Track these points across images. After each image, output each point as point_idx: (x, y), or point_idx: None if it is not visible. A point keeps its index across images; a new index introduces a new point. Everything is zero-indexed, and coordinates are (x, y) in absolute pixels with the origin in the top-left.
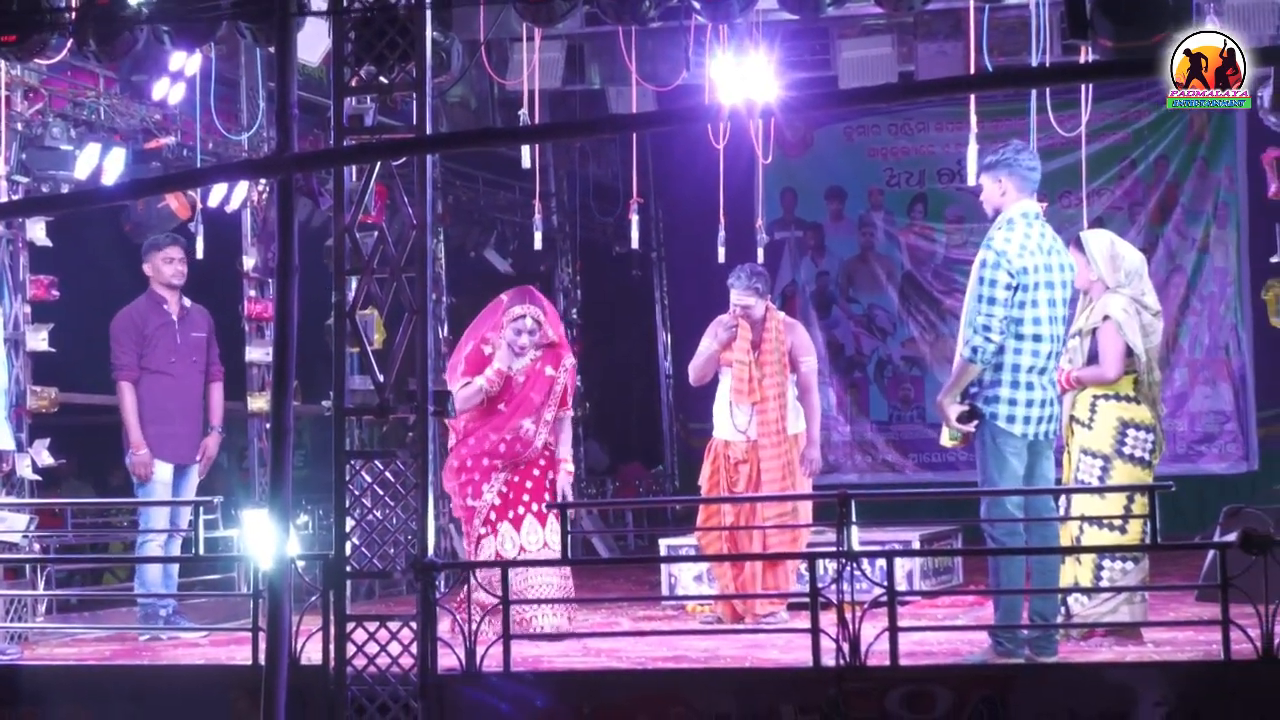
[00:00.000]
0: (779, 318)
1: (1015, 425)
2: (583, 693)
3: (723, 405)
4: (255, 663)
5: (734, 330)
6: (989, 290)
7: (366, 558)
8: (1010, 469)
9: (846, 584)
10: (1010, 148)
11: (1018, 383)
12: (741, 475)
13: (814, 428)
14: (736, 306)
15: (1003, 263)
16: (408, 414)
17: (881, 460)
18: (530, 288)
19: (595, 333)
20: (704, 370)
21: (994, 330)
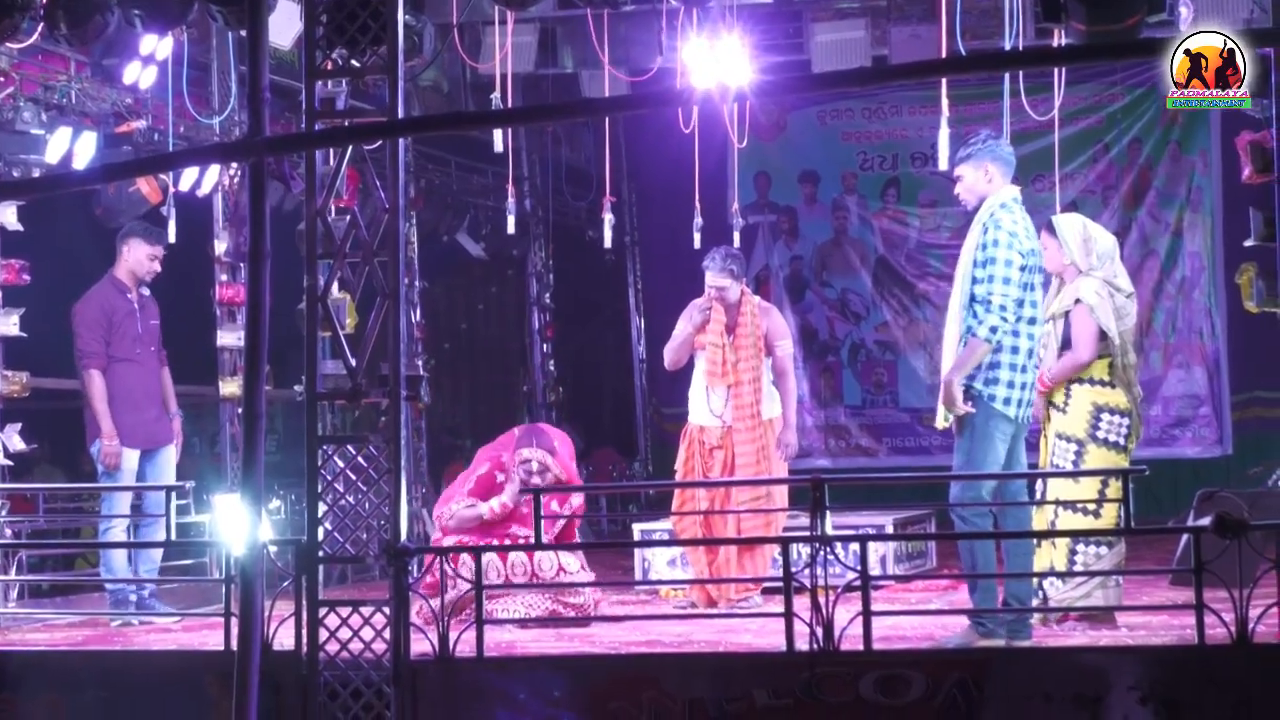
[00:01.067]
0: (754, 301)
1: (1010, 408)
2: (556, 678)
3: (698, 389)
4: (228, 648)
5: (708, 313)
6: (1005, 270)
7: (339, 543)
8: (994, 453)
9: (820, 568)
10: (983, 137)
11: (1016, 365)
12: (716, 460)
13: (790, 412)
14: (711, 289)
15: (1015, 244)
16: (380, 398)
17: (855, 445)
18: (542, 426)
19: (568, 317)
20: (679, 354)
21: (1009, 310)
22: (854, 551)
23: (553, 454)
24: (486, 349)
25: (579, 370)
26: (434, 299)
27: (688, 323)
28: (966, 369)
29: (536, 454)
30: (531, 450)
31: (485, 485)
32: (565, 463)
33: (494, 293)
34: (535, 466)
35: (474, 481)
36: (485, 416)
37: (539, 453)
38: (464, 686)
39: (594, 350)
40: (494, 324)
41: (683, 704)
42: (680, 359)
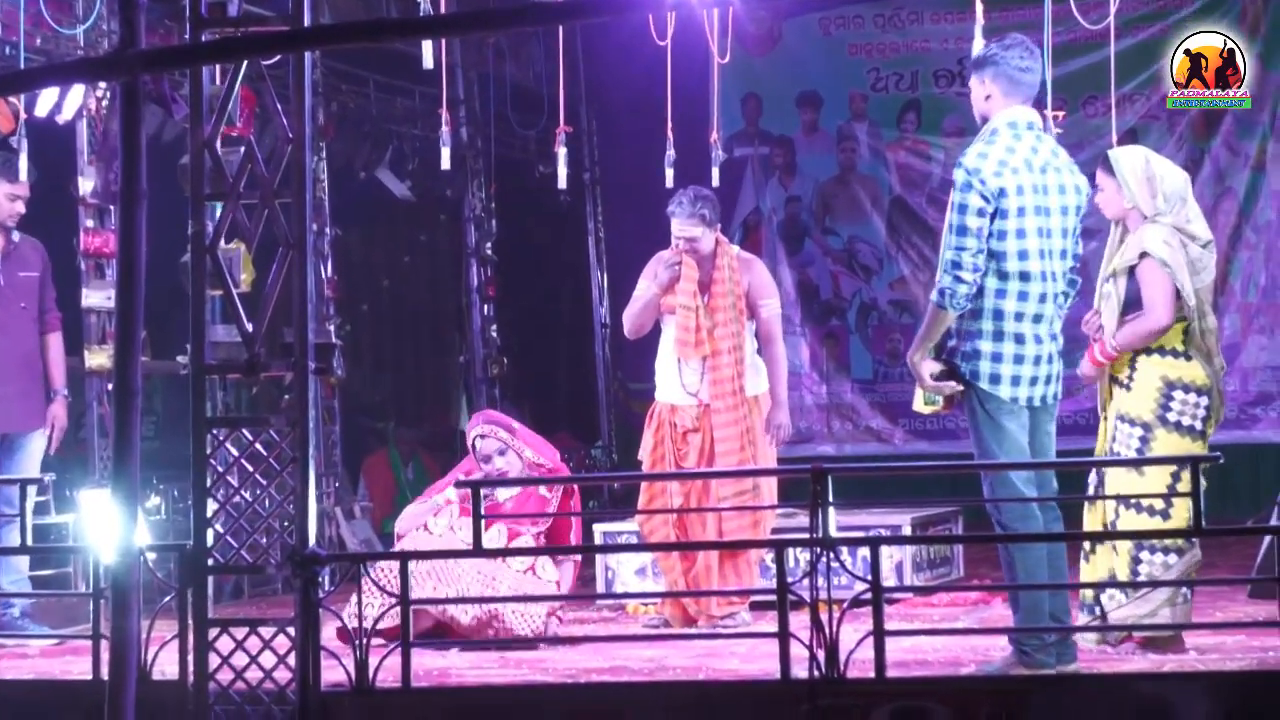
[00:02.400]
0: (732, 252)
1: (1001, 387)
2: (500, 712)
3: (667, 361)
4: (96, 677)
5: (677, 269)
6: (958, 217)
7: (233, 549)
8: (1010, 438)
9: (822, 578)
10: (1000, 42)
11: (1002, 334)
12: (691, 446)
13: (779, 386)
14: (679, 239)
15: (974, 183)
16: (283, 372)
17: (864, 427)
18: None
19: (515, 273)
20: (641, 319)
21: (965, 267)
22: (863, 558)
23: (512, 432)
24: (414, 311)
25: (527, 337)
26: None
27: (652, 281)
28: (926, 343)
29: (489, 429)
30: (483, 426)
31: None
32: (532, 441)
33: (423, 242)
34: (494, 445)
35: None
36: (412, 394)
37: (490, 428)
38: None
39: (546, 313)
40: (423, 281)
41: None
42: (643, 325)
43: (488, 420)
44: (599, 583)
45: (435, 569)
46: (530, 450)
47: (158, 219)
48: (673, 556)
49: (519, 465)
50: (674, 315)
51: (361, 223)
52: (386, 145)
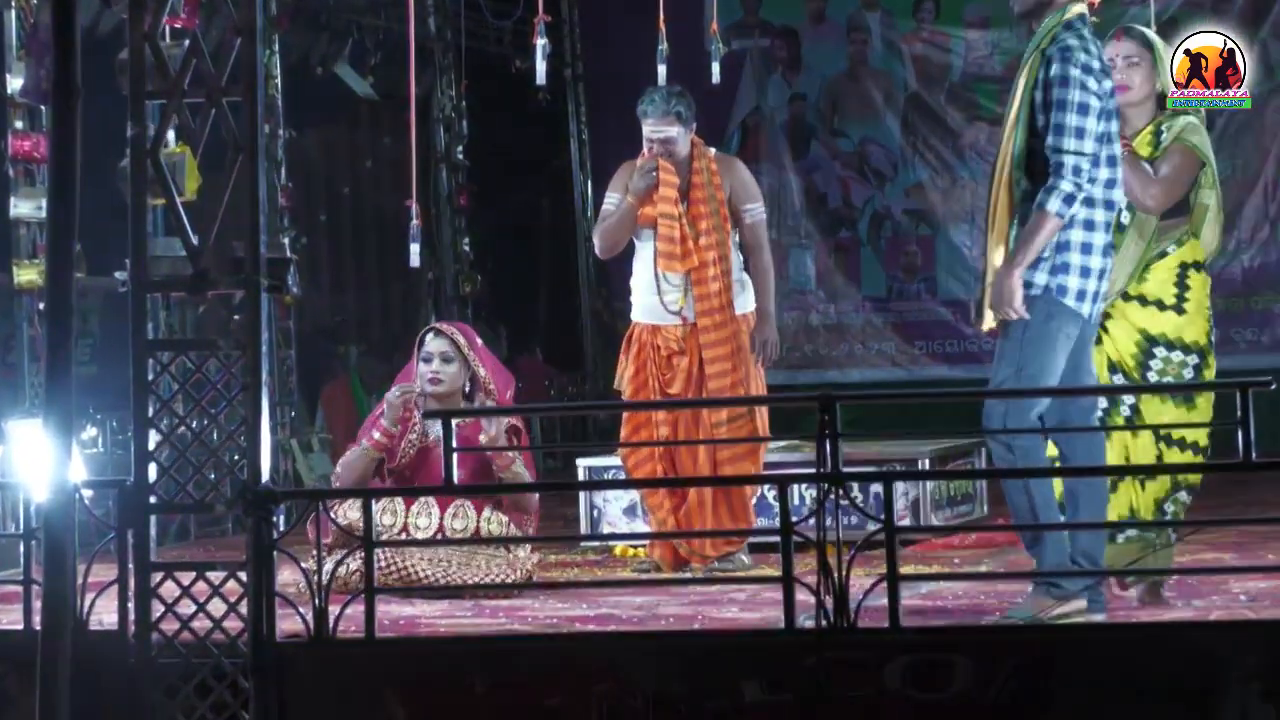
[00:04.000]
0: (709, 154)
1: (1085, 304)
2: (475, 665)
3: (644, 279)
4: (28, 628)
5: (654, 175)
6: (1078, 118)
7: (177, 485)
8: (1055, 363)
9: (829, 517)
10: None
11: (1092, 246)
12: (678, 371)
13: (767, 298)
14: (652, 142)
15: (1090, 82)
16: (232, 289)
17: (877, 350)
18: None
19: (489, 180)
20: (617, 235)
21: (1085, 174)
22: (876, 495)
23: (471, 343)
24: (377, 222)
25: (503, 252)
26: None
27: (621, 193)
28: (1032, 254)
29: (440, 342)
30: (435, 338)
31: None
32: (490, 362)
33: (387, 145)
34: (443, 345)
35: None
36: (376, 314)
37: (447, 329)
38: (348, 677)
39: (523, 225)
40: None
41: (646, 700)
42: (618, 242)
43: (448, 322)
44: (583, 523)
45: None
46: (485, 371)
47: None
48: (660, 493)
49: (460, 381)
50: (650, 229)
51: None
52: (345, 38)
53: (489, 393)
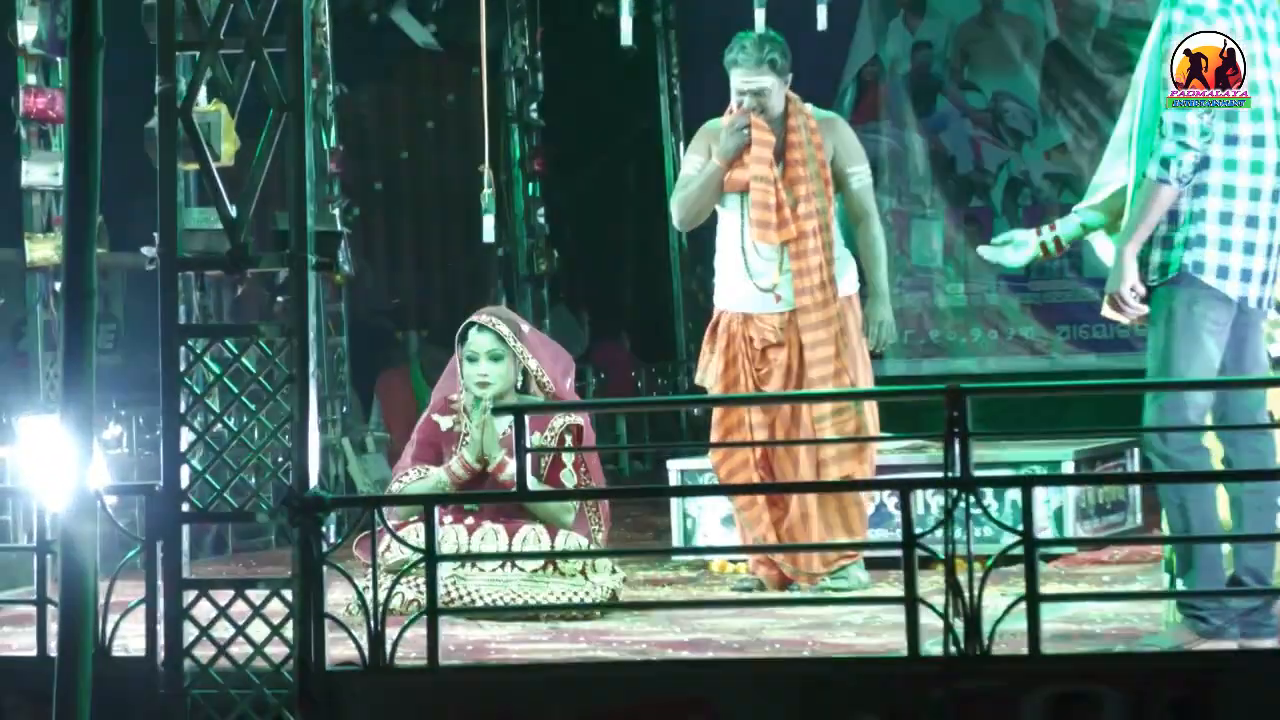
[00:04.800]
0: (807, 111)
1: (1231, 282)
2: (552, 696)
3: (731, 255)
4: (42, 654)
5: (745, 133)
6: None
7: (214, 491)
8: (1205, 355)
9: (960, 528)
10: None
11: (1231, 215)
12: (774, 365)
13: (879, 274)
14: (743, 96)
15: (1197, 23)
16: (275, 267)
17: (1014, 337)
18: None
19: (567, 142)
20: (700, 203)
21: (1192, 130)
22: (1013, 502)
23: (519, 333)
24: (440, 191)
25: (583, 225)
26: (358, 113)
27: (704, 156)
28: (1142, 229)
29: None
30: (487, 315)
31: (433, 440)
32: (545, 352)
33: (451, 103)
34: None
35: (415, 443)
36: (439, 295)
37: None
38: (409, 710)
39: (605, 193)
40: (451, 152)
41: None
42: (702, 211)
43: (490, 310)
44: (676, 534)
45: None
46: (536, 362)
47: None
48: (758, 506)
49: (513, 378)
50: (738, 196)
51: (374, 78)
52: None
53: (542, 387)
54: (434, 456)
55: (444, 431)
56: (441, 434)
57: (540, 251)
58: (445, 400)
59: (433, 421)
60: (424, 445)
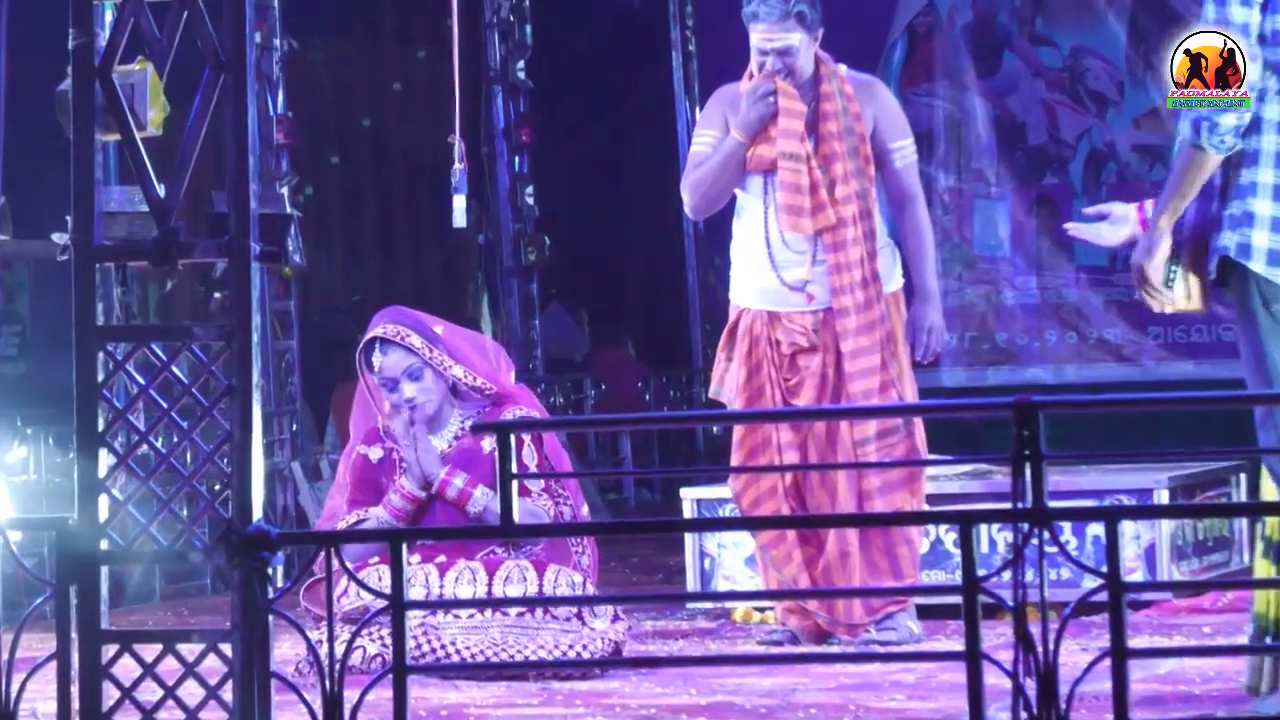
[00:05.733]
0: (841, 74)
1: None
2: None
3: (754, 247)
4: None
5: (771, 101)
6: (1215, 10)
7: (138, 526)
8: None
9: (1032, 570)
10: None
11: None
12: (807, 375)
13: (925, 269)
14: (765, 56)
15: None
16: (212, 257)
17: (1096, 340)
18: (392, 307)
19: (561, 107)
20: (715, 185)
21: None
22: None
23: (429, 339)
24: (409, 166)
25: (580, 206)
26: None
27: (724, 129)
28: (1171, 201)
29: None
30: (388, 327)
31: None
32: (463, 349)
33: (421, 61)
34: (399, 361)
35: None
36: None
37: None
38: None
39: (608, 167)
40: (422, 119)
41: None
42: (719, 195)
43: (391, 318)
44: (691, 576)
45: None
46: (462, 368)
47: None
48: (787, 543)
49: (442, 391)
50: (761, 177)
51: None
52: None
53: (481, 391)
54: (374, 495)
55: (376, 463)
56: (375, 467)
57: (528, 238)
58: (372, 429)
59: (361, 456)
60: (360, 486)
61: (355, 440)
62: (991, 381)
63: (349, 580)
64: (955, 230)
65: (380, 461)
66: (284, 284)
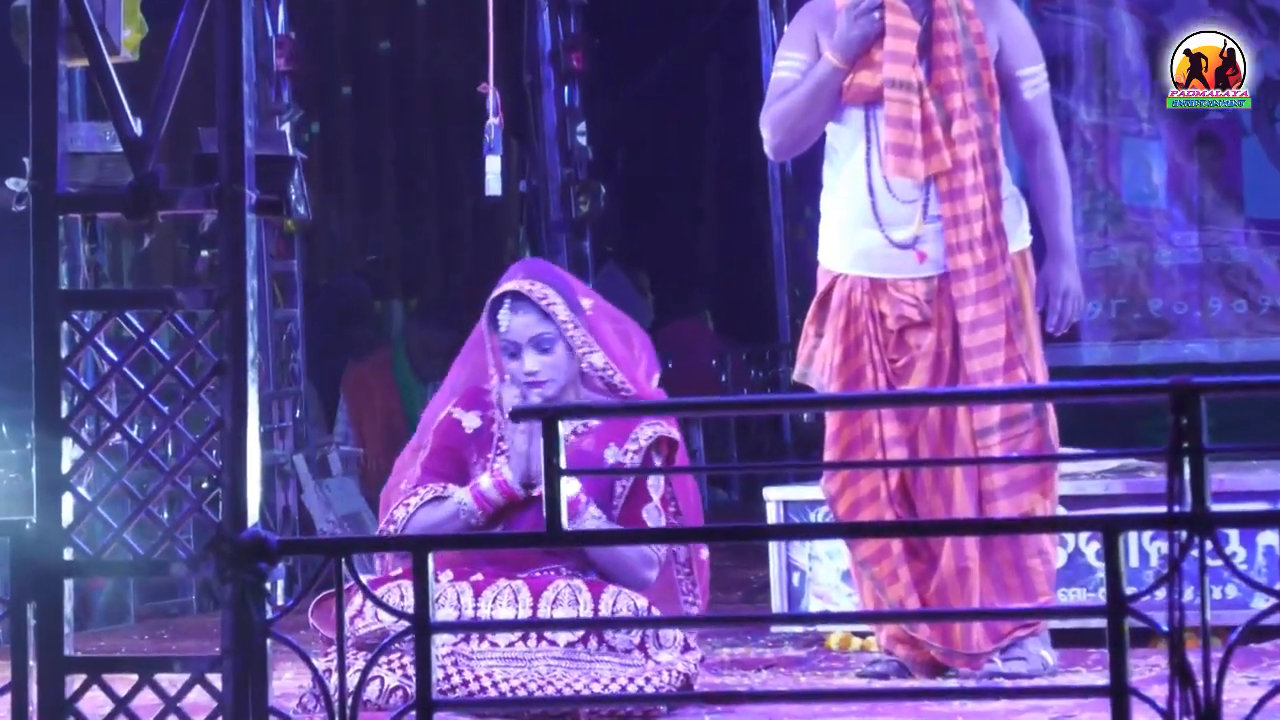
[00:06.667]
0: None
1: None
2: None
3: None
4: None
5: (876, 17)
6: None
7: (109, 531)
8: None
9: (1192, 587)
10: None
11: None
12: (918, 355)
13: (1059, 221)
14: None
15: None
16: (198, 209)
17: (1270, 308)
18: (530, 260)
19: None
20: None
21: None
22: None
23: (574, 307)
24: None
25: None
26: None
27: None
28: None
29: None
30: (514, 312)
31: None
32: (609, 333)
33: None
34: (528, 325)
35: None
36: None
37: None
38: None
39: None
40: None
41: None
42: (807, 131)
43: (535, 274)
44: (777, 595)
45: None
46: (601, 354)
47: None
48: (893, 556)
49: (574, 372)
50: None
51: None
52: None
53: (615, 389)
54: (454, 469)
55: (469, 434)
56: (465, 437)
57: (580, 186)
58: (475, 390)
59: (453, 419)
60: (441, 454)
61: (451, 397)
62: (1142, 359)
63: (364, 598)
64: (1098, 175)
65: (475, 433)
66: (286, 240)
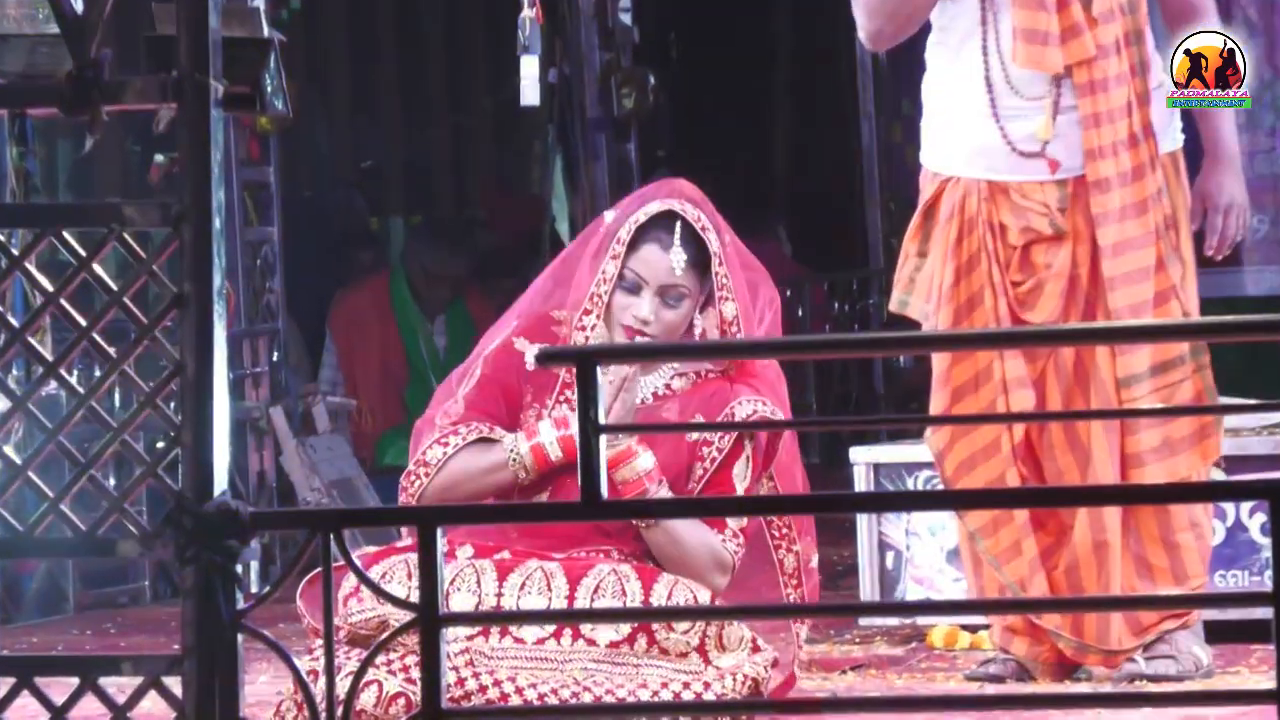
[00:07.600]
0: None
1: None
2: None
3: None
4: None
5: None
6: None
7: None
8: None
9: None
10: None
11: None
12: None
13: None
14: None
15: None
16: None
17: None
18: (673, 179)
19: None
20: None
21: None
22: None
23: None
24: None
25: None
26: None
27: None
28: None
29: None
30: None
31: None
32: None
33: None
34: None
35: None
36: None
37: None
38: None
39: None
40: None
41: None
42: (913, 15)
43: (696, 200)
44: (867, 579)
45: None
46: (733, 305)
47: None
48: (1016, 526)
49: (677, 335)
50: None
51: None
52: None
53: None
54: (503, 409)
55: (530, 371)
56: (522, 372)
57: (623, 75)
58: (543, 318)
59: (513, 349)
60: (490, 386)
61: (516, 321)
62: None
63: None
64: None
65: (537, 371)
66: (260, 142)
